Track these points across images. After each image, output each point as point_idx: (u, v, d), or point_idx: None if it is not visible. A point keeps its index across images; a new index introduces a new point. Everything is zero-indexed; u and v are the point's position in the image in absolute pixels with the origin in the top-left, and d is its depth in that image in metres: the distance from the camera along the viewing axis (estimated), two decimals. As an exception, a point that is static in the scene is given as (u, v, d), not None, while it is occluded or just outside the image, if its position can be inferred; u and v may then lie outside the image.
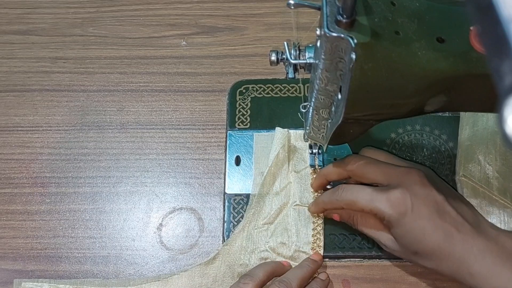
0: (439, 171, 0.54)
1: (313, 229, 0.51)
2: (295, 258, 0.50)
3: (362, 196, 0.45)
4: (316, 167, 0.52)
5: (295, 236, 0.50)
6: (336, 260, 0.51)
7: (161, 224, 0.54)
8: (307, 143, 0.53)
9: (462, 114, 0.55)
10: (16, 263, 0.52)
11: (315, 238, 0.50)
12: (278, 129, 0.54)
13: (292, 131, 0.55)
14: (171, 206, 0.55)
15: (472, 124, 0.54)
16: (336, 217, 0.49)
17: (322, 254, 0.50)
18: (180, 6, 0.64)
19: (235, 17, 0.63)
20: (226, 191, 0.54)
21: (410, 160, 0.54)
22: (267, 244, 0.51)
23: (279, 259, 0.50)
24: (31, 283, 0.51)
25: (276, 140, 0.53)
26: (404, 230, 0.43)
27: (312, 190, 0.52)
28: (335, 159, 0.54)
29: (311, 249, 0.50)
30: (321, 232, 0.51)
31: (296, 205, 0.52)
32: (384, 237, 0.46)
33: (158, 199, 0.55)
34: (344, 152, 0.54)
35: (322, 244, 0.50)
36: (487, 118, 0.53)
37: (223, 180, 0.55)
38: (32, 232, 0.54)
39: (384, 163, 0.47)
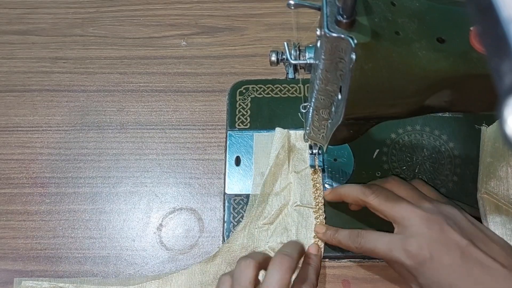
0: (439, 171, 0.54)
1: (314, 230, 0.51)
2: (295, 258, 0.50)
3: (380, 246, 0.43)
4: (316, 167, 0.52)
5: (295, 236, 0.50)
6: (336, 261, 0.51)
7: (161, 225, 0.54)
8: (307, 144, 0.53)
9: (483, 129, 0.54)
10: (16, 263, 0.52)
11: (316, 239, 0.50)
12: (278, 129, 0.54)
13: (292, 132, 0.55)
14: (171, 206, 0.54)
15: (493, 140, 0.53)
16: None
17: (322, 255, 0.50)
18: (180, 6, 0.64)
19: (235, 17, 0.63)
20: (226, 191, 0.54)
21: (411, 161, 0.54)
22: (267, 244, 0.51)
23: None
24: (31, 282, 0.51)
25: (276, 140, 0.53)
26: (427, 280, 0.41)
27: (313, 191, 0.52)
28: (335, 160, 0.54)
29: (311, 250, 0.50)
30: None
31: (297, 205, 0.51)
32: (413, 284, 0.43)
33: (158, 199, 0.55)
34: (344, 153, 0.54)
35: (322, 245, 0.50)
36: None
37: (223, 181, 0.55)
38: (32, 232, 0.54)
39: (405, 202, 0.45)
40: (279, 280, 0.39)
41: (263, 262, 0.43)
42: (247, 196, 0.53)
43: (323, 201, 0.52)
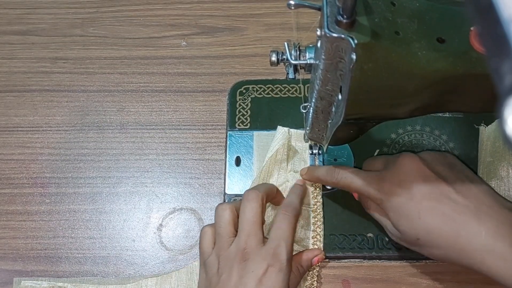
0: (439, 172, 0.53)
1: (312, 231, 0.51)
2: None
3: (356, 181, 0.46)
4: (316, 167, 0.52)
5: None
6: (336, 261, 0.51)
7: (161, 225, 0.54)
8: (307, 144, 0.53)
9: (481, 129, 0.54)
10: (16, 263, 0.52)
11: (315, 239, 0.50)
12: (279, 127, 0.54)
13: (292, 130, 0.54)
14: (171, 206, 0.55)
15: (493, 140, 0.52)
16: (355, 196, 0.49)
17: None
18: (180, 6, 0.64)
19: (235, 17, 0.63)
20: (226, 191, 0.54)
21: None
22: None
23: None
24: (30, 281, 0.51)
25: (276, 138, 0.53)
26: (398, 213, 0.43)
27: (311, 190, 0.52)
28: (335, 160, 0.54)
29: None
30: (321, 233, 0.51)
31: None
32: (386, 223, 0.45)
33: (158, 199, 0.55)
34: (344, 153, 0.54)
35: (321, 245, 0.50)
36: None
37: (223, 181, 0.55)
38: (32, 232, 0.54)
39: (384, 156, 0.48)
40: (251, 209, 0.44)
41: (239, 206, 0.45)
42: (247, 196, 0.53)
43: (321, 200, 0.52)
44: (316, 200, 0.52)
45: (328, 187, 0.52)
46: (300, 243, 0.50)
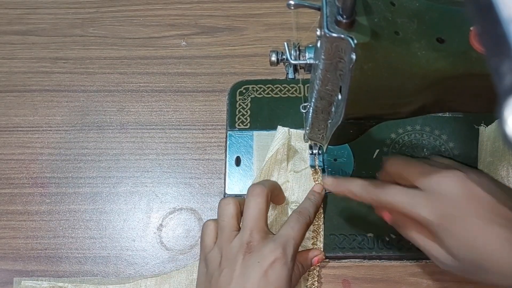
0: (439, 171, 0.53)
1: (313, 231, 0.51)
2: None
3: (400, 199, 0.40)
4: (316, 167, 0.52)
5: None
6: (337, 261, 0.51)
7: (161, 225, 0.54)
8: (307, 144, 0.53)
9: (481, 129, 0.54)
10: (16, 263, 0.52)
11: (314, 239, 0.50)
12: (279, 127, 0.54)
13: (292, 130, 0.54)
14: (171, 206, 0.55)
15: (493, 140, 0.53)
16: (386, 217, 0.45)
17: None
18: (180, 6, 0.64)
19: (235, 17, 0.63)
20: (226, 191, 0.54)
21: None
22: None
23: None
24: (30, 281, 0.51)
25: (276, 138, 0.53)
26: (454, 239, 0.38)
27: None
28: (335, 160, 0.54)
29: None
30: (321, 233, 0.51)
31: (296, 205, 0.51)
32: (434, 249, 0.40)
33: (158, 199, 0.55)
34: (344, 153, 0.54)
35: (321, 245, 0.50)
36: None
37: (223, 181, 0.55)
38: (32, 232, 0.54)
39: (421, 163, 0.43)
40: (256, 205, 0.43)
41: (242, 201, 0.45)
42: (247, 196, 0.53)
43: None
44: (316, 200, 0.52)
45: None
46: (300, 243, 0.50)
